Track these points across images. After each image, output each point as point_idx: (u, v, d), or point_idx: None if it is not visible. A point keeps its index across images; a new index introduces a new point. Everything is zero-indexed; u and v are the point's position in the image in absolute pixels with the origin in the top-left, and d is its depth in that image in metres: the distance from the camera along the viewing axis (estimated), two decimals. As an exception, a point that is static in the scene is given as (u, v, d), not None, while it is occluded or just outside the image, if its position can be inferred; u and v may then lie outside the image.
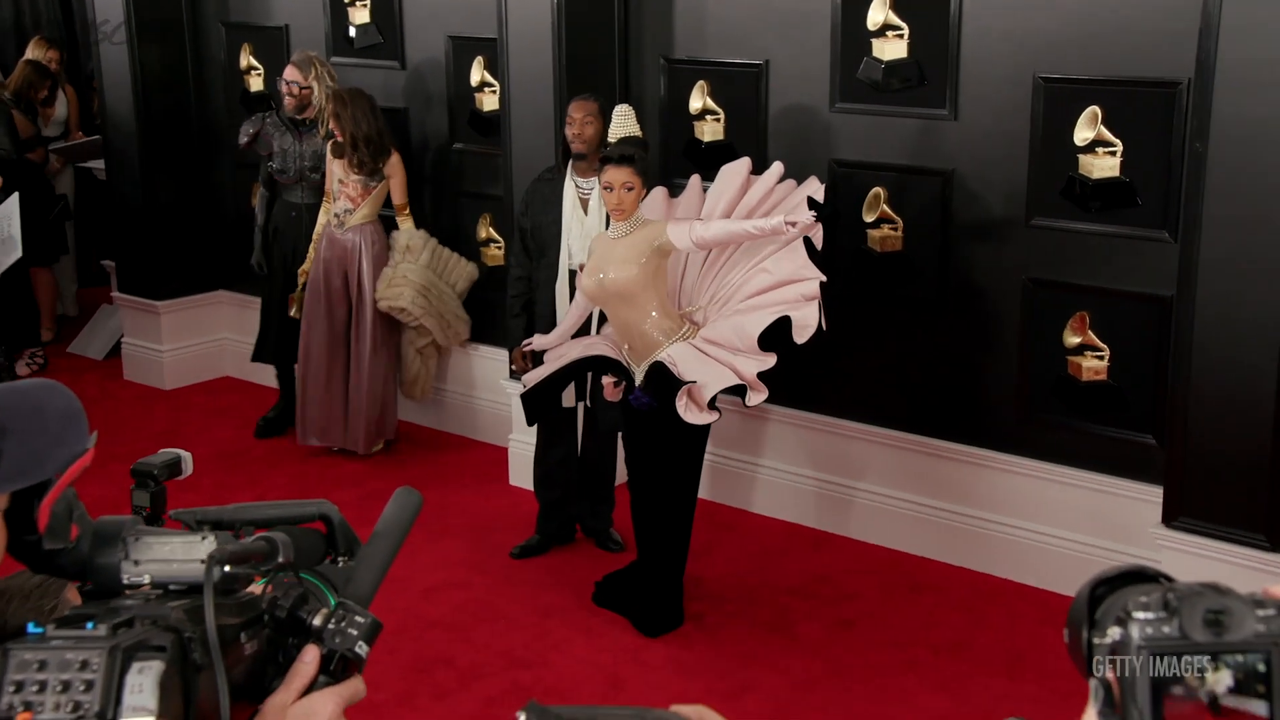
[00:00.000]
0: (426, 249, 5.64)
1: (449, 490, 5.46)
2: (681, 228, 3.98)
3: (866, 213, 4.78)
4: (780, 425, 5.15)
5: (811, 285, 3.96)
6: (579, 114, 4.52)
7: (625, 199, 4.03)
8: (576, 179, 4.63)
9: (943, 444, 4.78)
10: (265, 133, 5.78)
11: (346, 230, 5.62)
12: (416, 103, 5.99)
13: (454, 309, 5.72)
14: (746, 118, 5.02)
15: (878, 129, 4.72)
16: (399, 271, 5.53)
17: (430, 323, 5.59)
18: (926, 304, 4.74)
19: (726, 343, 3.98)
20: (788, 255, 4.00)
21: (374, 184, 5.57)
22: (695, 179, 4.61)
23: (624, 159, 4.03)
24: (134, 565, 1.25)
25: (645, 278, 4.03)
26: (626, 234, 4.09)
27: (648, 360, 4.06)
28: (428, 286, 5.54)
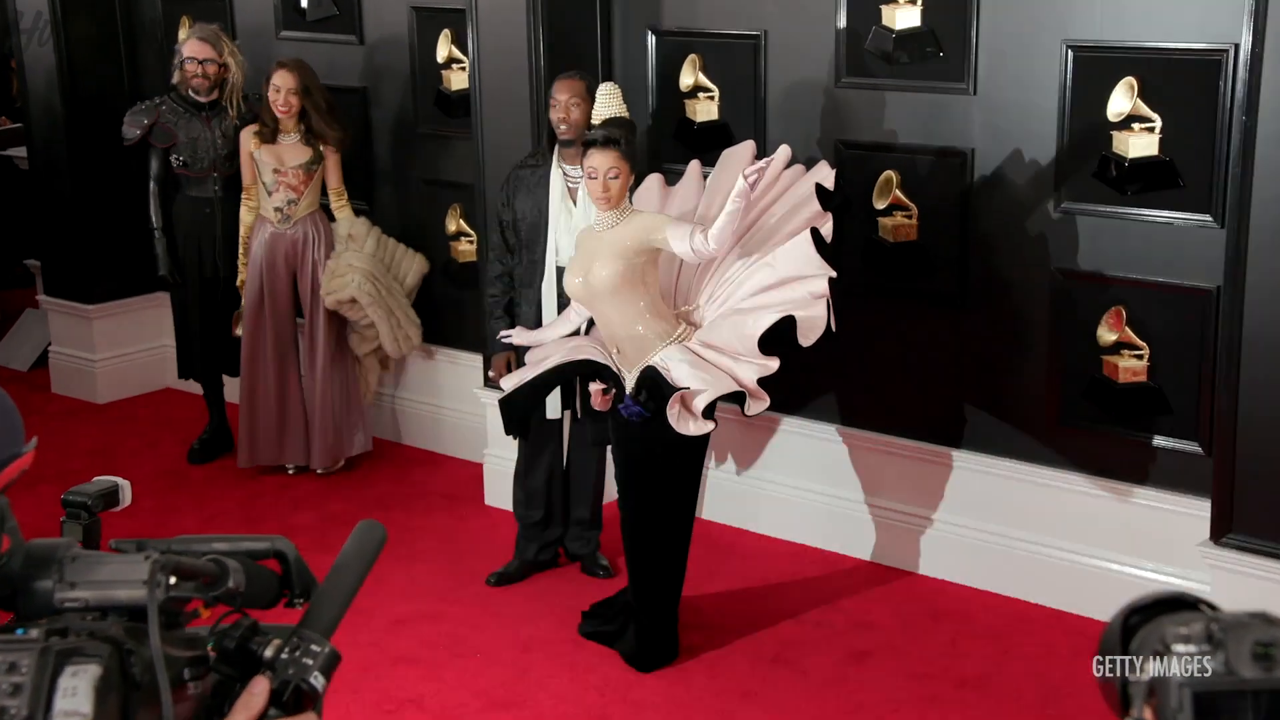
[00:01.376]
0: (371, 236, 5.64)
1: (418, 511, 5.48)
2: (682, 233, 3.94)
3: (877, 199, 4.78)
4: (785, 436, 5.16)
5: (819, 283, 3.97)
6: (564, 95, 4.52)
7: (611, 187, 4.02)
8: (564, 166, 4.62)
9: (965, 455, 4.79)
10: (163, 121, 5.71)
11: (294, 224, 5.60)
12: (376, 81, 5.99)
13: (404, 306, 5.70)
14: (743, 95, 5.02)
15: (889, 106, 4.73)
16: (343, 260, 5.51)
17: (378, 315, 5.55)
18: (944, 299, 4.75)
19: (725, 346, 3.99)
20: (793, 249, 4.01)
21: (315, 168, 5.57)
22: (694, 165, 4.62)
23: (608, 142, 4.02)
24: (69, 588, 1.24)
25: (635, 274, 4.03)
26: (613, 225, 4.08)
27: (639, 365, 4.06)
28: (375, 275, 5.53)
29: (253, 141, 5.52)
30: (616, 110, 4.20)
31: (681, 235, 3.95)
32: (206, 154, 5.70)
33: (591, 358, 4.19)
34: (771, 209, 4.32)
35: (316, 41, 6.02)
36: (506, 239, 4.73)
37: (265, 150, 5.51)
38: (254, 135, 5.50)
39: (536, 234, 4.65)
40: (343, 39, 6.01)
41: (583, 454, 4.84)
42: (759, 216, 4.30)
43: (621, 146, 4.02)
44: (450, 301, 5.92)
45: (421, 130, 5.88)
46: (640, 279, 4.06)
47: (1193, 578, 4.17)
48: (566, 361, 4.24)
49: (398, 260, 5.74)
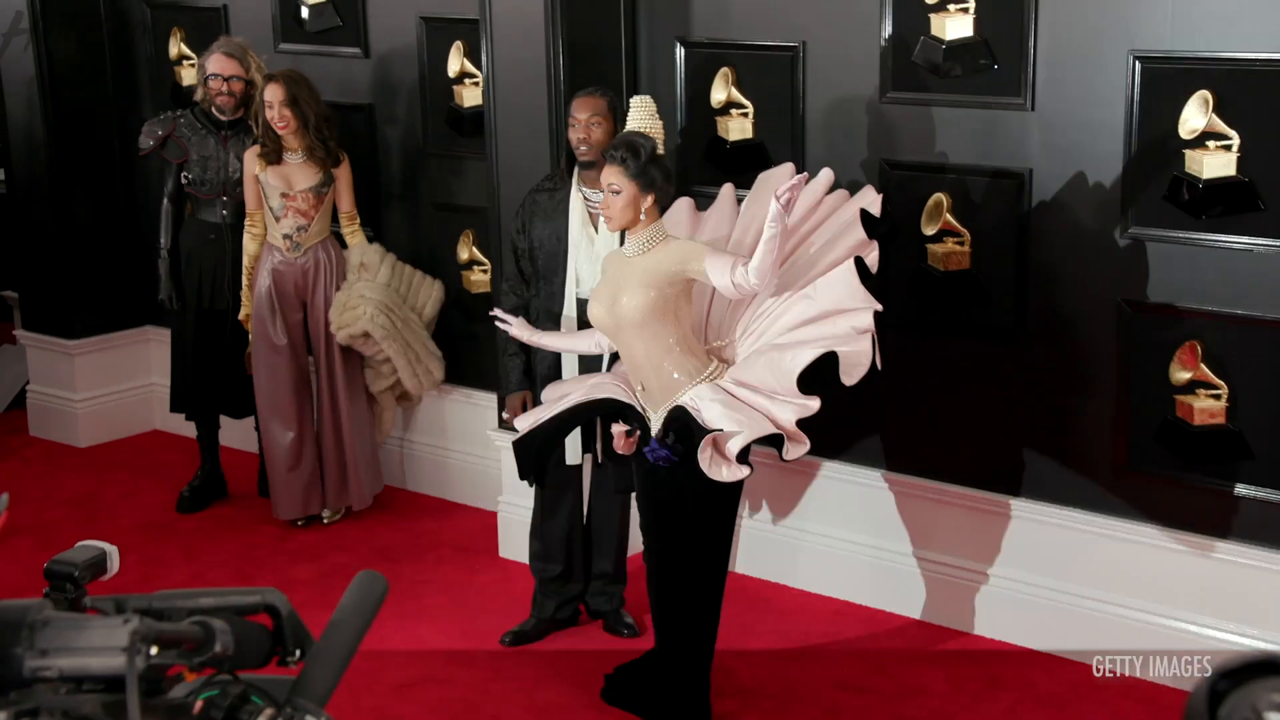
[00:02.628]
0: (385, 264, 5.66)
1: (426, 564, 5.48)
2: (722, 265, 3.92)
3: (926, 224, 4.79)
4: (825, 481, 5.14)
5: (864, 316, 3.96)
6: (583, 114, 4.54)
7: (611, 204, 4.03)
8: (585, 190, 4.63)
9: (1023, 504, 4.77)
10: (178, 135, 5.79)
11: (305, 252, 5.63)
12: (383, 98, 6.03)
13: (423, 340, 5.73)
14: (780, 111, 5.03)
15: (938, 123, 4.74)
16: (354, 291, 5.54)
17: (394, 350, 5.57)
18: (1000, 334, 4.74)
19: (761, 384, 3.98)
20: (835, 281, 4.01)
21: (325, 191, 5.61)
22: (728, 190, 4.64)
23: (614, 157, 4.03)
24: (40, 655, 1.22)
25: (666, 306, 4.03)
26: (644, 251, 4.08)
27: (666, 404, 4.06)
28: (390, 306, 5.56)
29: (258, 164, 5.55)
30: (643, 123, 4.18)
31: (722, 268, 3.92)
32: (216, 175, 5.75)
33: (614, 396, 4.18)
34: (812, 237, 4.33)
35: (318, 55, 6.08)
36: (522, 269, 4.73)
37: (271, 172, 5.53)
38: (259, 157, 5.54)
39: (555, 263, 4.65)
40: (347, 52, 6.06)
41: (605, 502, 4.85)
42: (799, 245, 4.30)
43: (626, 163, 4.00)
44: (462, 336, 5.94)
45: (431, 150, 5.92)
46: (672, 311, 4.05)
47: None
48: (586, 401, 4.23)
49: (415, 288, 5.76)
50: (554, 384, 4.54)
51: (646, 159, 4.01)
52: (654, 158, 4.04)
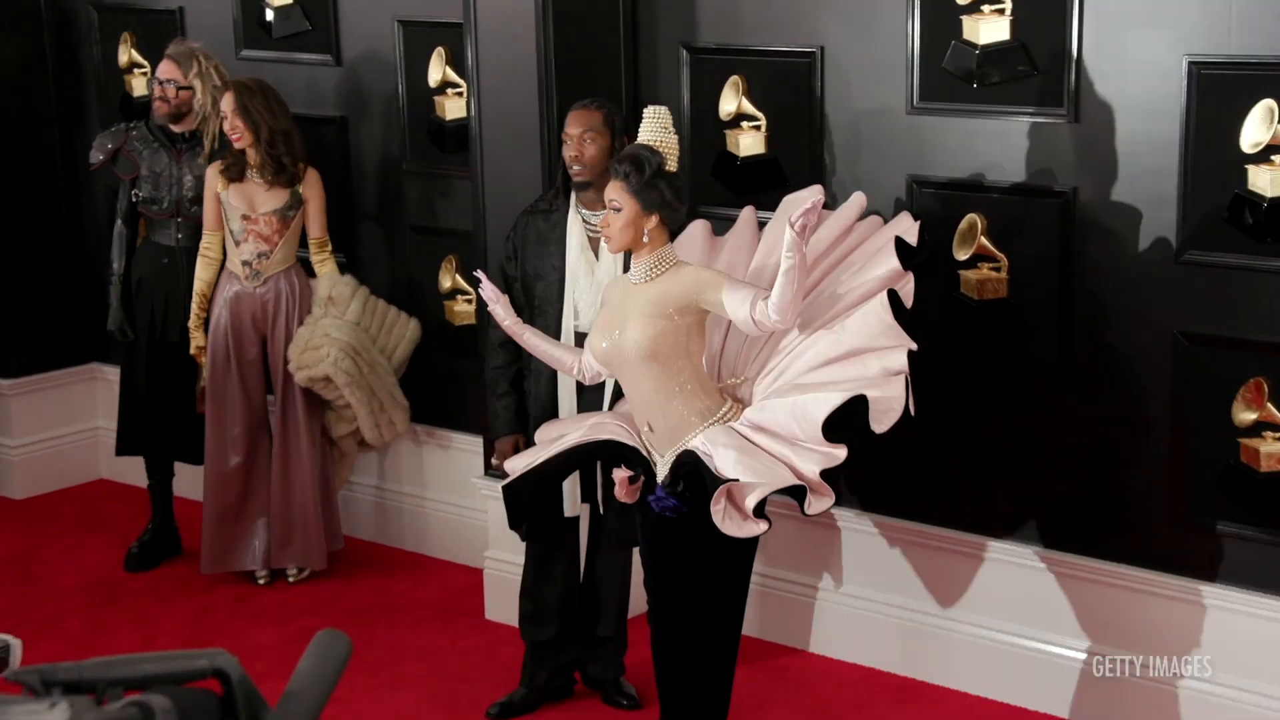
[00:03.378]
0: (356, 300, 5.66)
1: (403, 628, 5.47)
2: (741, 298, 3.90)
3: (958, 248, 4.79)
4: (852, 536, 5.13)
5: (897, 356, 3.95)
6: (576, 128, 4.56)
7: (611, 223, 4.04)
8: (583, 212, 4.64)
9: (1071, 560, 4.75)
10: (129, 149, 5.83)
11: (265, 281, 5.64)
12: (356, 110, 6.04)
13: (389, 386, 5.71)
14: (796, 124, 5.03)
15: (972, 136, 4.74)
16: (319, 329, 5.54)
17: (356, 398, 5.56)
18: (1042, 370, 4.73)
19: (781, 429, 3.96)
20: (866, 316, 4.00)
21: (292, 214, 5.63)
22: (748, 214, 4.64)
23: (615, 171, 4.04)
24: None
25: (678, 340, 4.02)
26: (651, 278, 4.07)
27: (675, 448, 4.05)
28: (357, 349, 5.55)
29: (219, 181, 5.59)
30: (651, 136, 4.15)
31: (741, 301, 3.91)
32: (169, 193, 5.79)
33: (615, 438, 4.15)
34: (841, 266, 4.33)
35: (284, 62, 6.09)
36: (514, 298, 4.71)
37: (233, 191, 5.57)
38: (220, 173, 5.58)
39: (551, 294, 4.65)
40: (316, 59, 6.07)
41: (605, 557, 4.83)
42: (825, 275, 4.30)
43: (628, 179, 4.00)
44: (444, 373, 5.94)
45: (410, 168, 5.93)
46: (683, 345, 4.04)
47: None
48: (585, 442, 4.21)
49: (387, 327, 5.76)
50: (549, 423, 4.53)
51: (651, 174, 4.00)
52: (661, 174, 4.03)
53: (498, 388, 4.78)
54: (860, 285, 4.14)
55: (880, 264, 4.12)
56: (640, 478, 4.13)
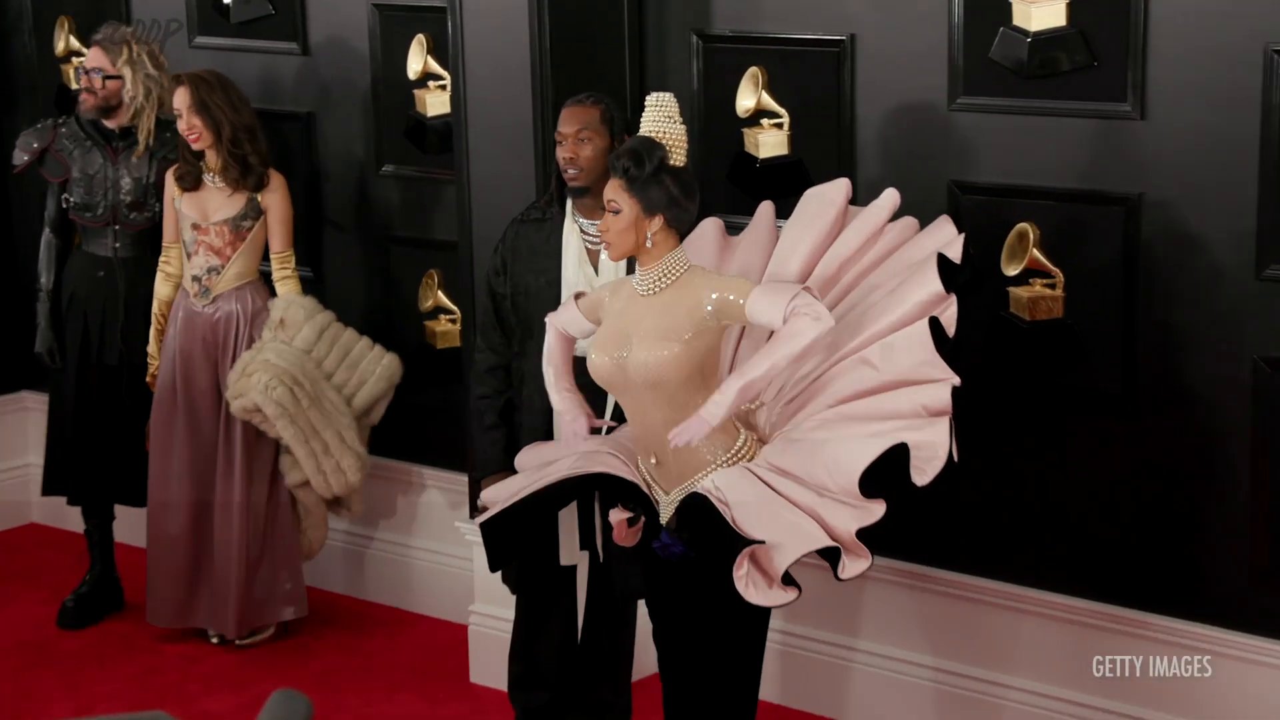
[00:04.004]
0: (310, 325, 5.59)
1: (378, 692, 5.44)
2: (775, 299, 3.86)
3: (1007, 262, 4.78)
4: (885, 587, 5.09)
5: (939, 393, 3.89)
6: (570, 126, 4.56)
7: (610, 226, 4.01)
8: (581, 221, 4.65)
9: (1136, 617, 4.73)
10: (58, 149, 5.81)
11: (215, 300, 5.62)
12: (325, 105, 6.03)
13: (338, 429, 5.59)
14: (823, 122, 5.04)
15: (1022, 135, 4.73)
16: (260, 354, 5.51)
17: (290, 435, 5.48)
18: (1103, 402, 4.72)
19: (808, 476, 3.90)
20: (904, 344, 3.96)
21: (247, 224, 5.58)
22: (765, 209, 4.60)
23: (614, 167, 4.02)
24: None
25: (692, 361, 3.97)
26: (660, 287, 4.03)
27: (682, 486, 4.03)
28: (298, 379, 5.48)
29: (175, 187, 5.62)
30: (654, 127, 4.09)
31: (774, 301, 3.85)
32: (104, 198, 5.77)
33: (613, 471, 4.12)
34: (872, 275, 4.29)
35: (244, 51, 6.10)
36: (503, 319, 4.73)
37: (187, 199, 5.59)
38: (175, 179, 5.61)
39: (544, 312, 4.54)
40: (280, 47, 6.07)
41: (607, 611, 4.80)
42: (853, 284, 4.29)
43: (629, 175, 3.96)
44: (424, 402, 5.91)
45: (387, 170, 5.94)
46: (697, 368, 3.98)
47: None
48: (577, 475, 4.16)
49: (351, 361, 5.68)
50: (533, 447, 4.51)
51: (653, 170, 3.96)
52: (665, 169, 3.99)
53: (484, 420, 4.76)
54: (897, 309, 4.06)
55: (919, 285, 4.05)
56: (641, 518, 4.11)
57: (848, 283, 4.27)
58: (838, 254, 4.25)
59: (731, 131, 5.17)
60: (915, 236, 4.33)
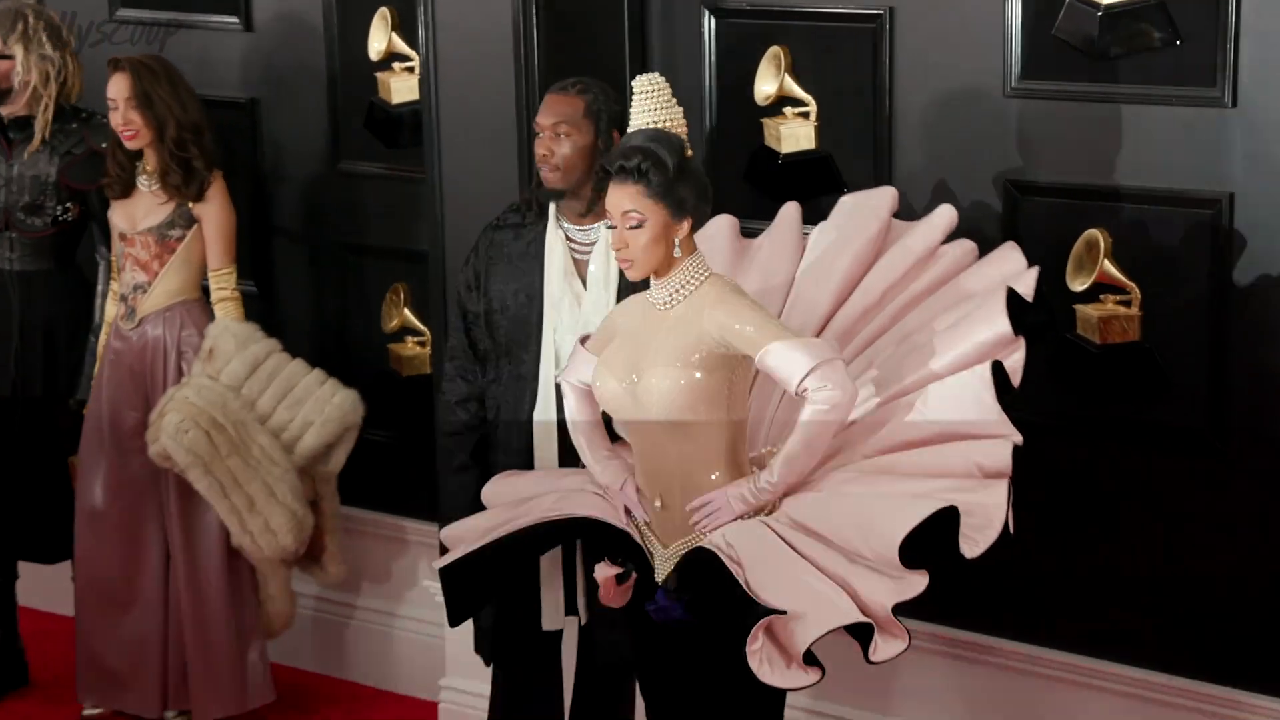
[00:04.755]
0: (241, 357, 5.51)
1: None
2: (799, 356, 3.84)
3: (1074, 276, 4.74)
4: (924, 657, 5.04)
5: (998, 451, 3.89)
6: (549, 118, 4.59)
7: (632, 244, 3.95)
8: (566, 226, 4.65)
9: (1226, 694, 4.70)
10: None
11: (140, 324, 5.60)
12: (272, 91, 6.06)
13: (270, 479, 5.49)
14: (856, 110, 5.02)
15: (1092, 125, 4.71)
16: (181, 391, 5.45)
17: (205, 486, 5.39)
18: (1187, 439, 4.69)
19: (838, 539, 3.88)
20: (959, 391, 3.97)
21: (174, 234, 5.53)
22: (790, 211, 4.62)
23: (626, 170, 3.95)
24: None
25: (717, 389, 3.95)
26: (678, 299, 4.01)
27: (686, 539, 4.03)
28: (219, 421, 5.40)
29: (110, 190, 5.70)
30: (651, 115, 4.12)
31: (788, 369, 3.84)
32: None
33: (599, 516, 4.14)
34: (921, 307, 4.32)
35: (175, 25, 6.11)
36: (475, 341, 4.75)
37: (118, 207, 5.60)
38: (105, 184, 5.67)
39: (525, 333, 4.66)
40: (218, 22, 6.09)
41: (594, 682, 4.83)
42: (900, 314, 4.31)
43: (650, 177, 3.92)
44: (389, 440, 5.90)
45: (345, 167, 5.95)
46: (724, 399, 3.97)
47: None
48: (555, 519, 4.20)
49: (294, 399, 5.60)
50: (504, 477, 4.51)
51: (677, 168, 3.94)
52: (686, 165, 3.98)
53: (454, 459, 4.78)
54: (953, 348, 4.06)
55: (983, 322, 4.04)
56: (632, 573, 4.11)
57: (892, 313, 4.28)
58: (882, 278, 4.27)
59: (749, 122, 5.16)
60: (975, 264, 4.35)
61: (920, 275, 4.31)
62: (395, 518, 5.89)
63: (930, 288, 4.30)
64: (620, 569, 4.08)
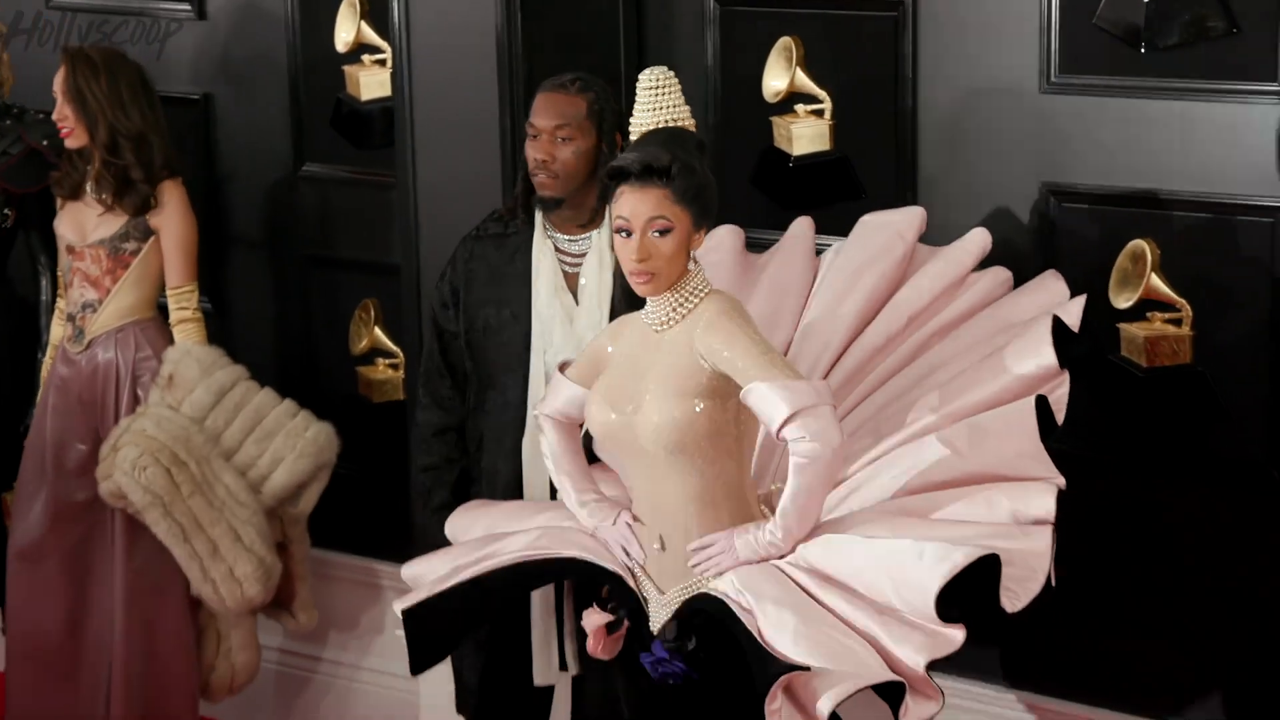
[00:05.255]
0: (204, 385, 5.48)
1: None
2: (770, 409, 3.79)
3: (1118, 291, 4.75)
4: (957, 715, 4.96)
5: (1040, 497, 3.88)
6: (548, 120, 4.57)
7: (655, 252, 3.91)
8: (555, 235, 4.67)
9: None
10: None
11: (89, 346, 5.58)
12: (228, 86, 6.09)
13: (236, 523, 5.45)
14: (876, 108, 5.03)
15: (1138, 124, 4.70)
16: (137, 423, 5.40)
17: (164, 529, 5.34)
18: (1245, 471, 4.68)
19: (864, 586, 3.85)
20: (999, 429, 3.97)
21: (128, 248, 5.50)
22: (803, 226, 4.67)
23: (650, 171, 3.89)
24: None
25: (724, 421, 3.93)
26: (677, 317, 3.98)
27: (686, 584, 4.01)
28: (181, 458, 5.38)
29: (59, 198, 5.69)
30: (660, 114, 4.04)
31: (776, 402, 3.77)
32: None
33: (587, 556, 4.11)
34: (952, 337, 4.34)
35: (120, 14, 6.15)
36: (453, 365, 4.76)
37: (65, 214, 5.60)
38: (54, 182, 5.67)
39: (509, 356, 4.68)
40: (167, 10, 6.11)
41: None
42: (927, 343, 4.34)
43: (673, 180, 3.88)
44: (359, 473, 5.88)
45: (309, 171, 5.97)
46: (730, 426, 3.93)
47: None
48: (535, 559, 4.17)
49: (263, 433, 5.56)
50: (473, 507, 4.51)
51: (702, 169, 3.94)
52: (704, 166, 3.98)
53: (432, 498, 4.79)
54: (992, 381, 4.09)
55: (1026, 353, 4.06)
56: (625, 622, 4.10)
57: (918, 343, 4.31)
58: (907, 304, 4.30)
59: (757, 121, 5.17)
60: (1012, 294, 4.39)
61: (950, 303, 4.34)
62: (365, 560, 5.89)
63: (961, 317, 4.34)
64: (612, 616, 4.07)
